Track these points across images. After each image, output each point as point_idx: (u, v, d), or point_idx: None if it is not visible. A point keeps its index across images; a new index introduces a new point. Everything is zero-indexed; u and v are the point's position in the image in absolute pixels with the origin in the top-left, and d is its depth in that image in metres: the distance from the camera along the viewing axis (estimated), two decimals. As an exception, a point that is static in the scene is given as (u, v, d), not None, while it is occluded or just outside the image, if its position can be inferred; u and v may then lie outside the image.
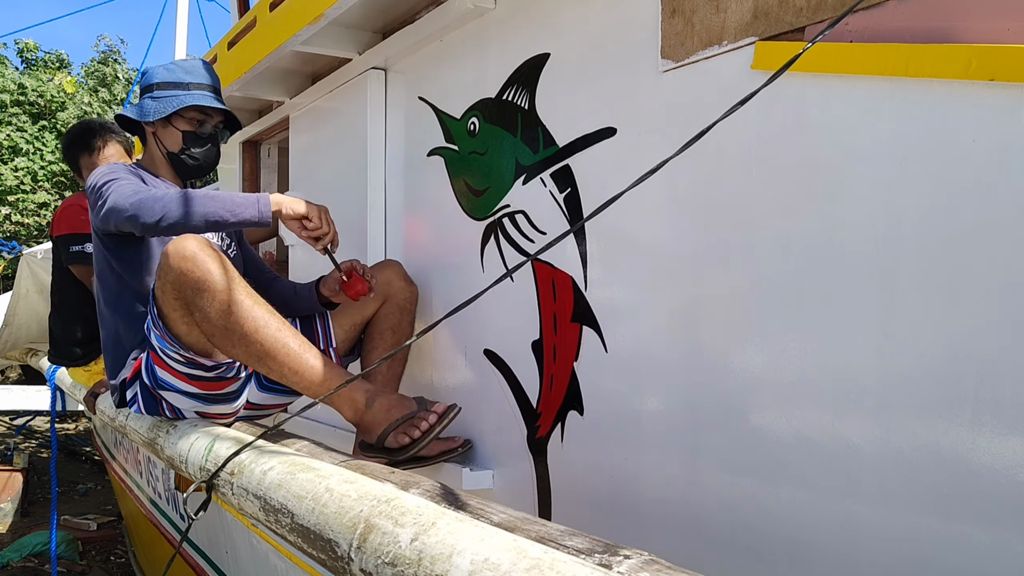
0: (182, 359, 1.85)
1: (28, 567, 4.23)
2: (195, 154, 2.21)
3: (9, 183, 11.05)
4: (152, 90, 2.18)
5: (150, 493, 3.04)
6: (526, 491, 2.01)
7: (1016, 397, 1.08)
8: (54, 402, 4.16)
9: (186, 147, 2.20)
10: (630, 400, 1.70)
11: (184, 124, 2.19)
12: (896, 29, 1.24)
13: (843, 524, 1.29)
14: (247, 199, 1.92)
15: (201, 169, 2.25)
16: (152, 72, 2.19)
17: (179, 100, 2.14)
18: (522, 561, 0.78)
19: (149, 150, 2.25)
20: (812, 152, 1.34)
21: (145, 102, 2.18)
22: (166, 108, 2.14)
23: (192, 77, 2.19)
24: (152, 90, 2.18)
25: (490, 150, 2.15)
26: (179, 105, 2.14)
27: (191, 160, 2.22)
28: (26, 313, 5.37)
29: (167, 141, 2.20)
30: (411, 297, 2.32)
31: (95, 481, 6.12)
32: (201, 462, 1.62)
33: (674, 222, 1.60)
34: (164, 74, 2.18)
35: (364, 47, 2.65)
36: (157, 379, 1.90)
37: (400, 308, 2.29)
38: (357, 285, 2.12)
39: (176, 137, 2.19)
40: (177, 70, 2.19)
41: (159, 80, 2.17)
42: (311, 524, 1.12)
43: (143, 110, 2.17)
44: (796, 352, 1.36)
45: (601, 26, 1.78)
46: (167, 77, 2.17)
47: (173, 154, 2.21)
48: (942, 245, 1.17)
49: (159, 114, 2.14)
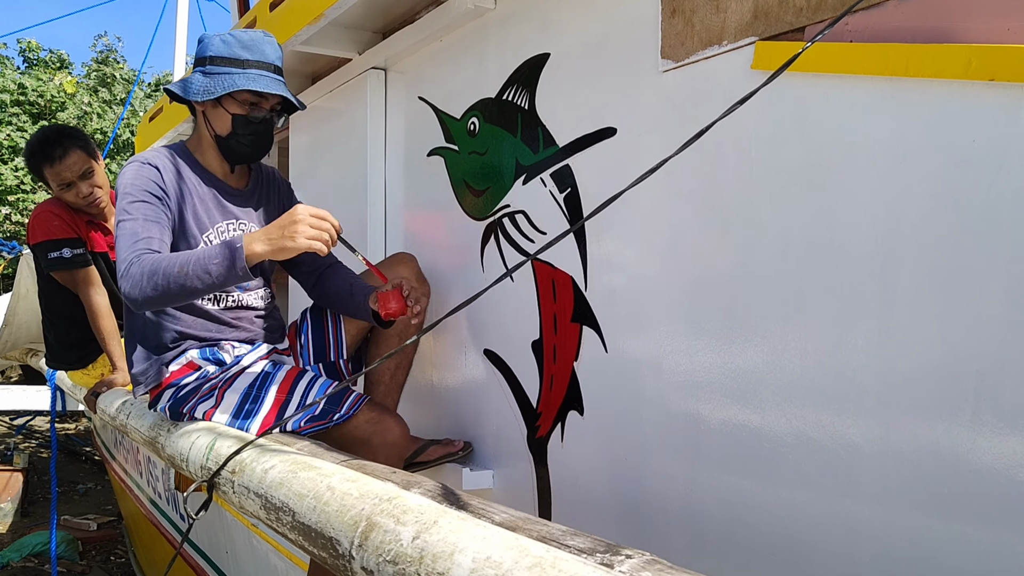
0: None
1: (28, 567, 4.23)
2: (245, 140, 1.99)
3: (9, 183, 11.06)
4: (205, 63, 1.94)
5: (150, 493, 3.04)
6: (526, 491, 2.01)
7: (1016, 397, 1.09)
8: (54, 402, 4.16)
9: (235, 132, 1.96)
10: (630, 400, 1.70)
11: (235, 107, 1.94)
12: (896, 29, 1.24)
13: (843, 524, 1.30)
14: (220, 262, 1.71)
15: (251, 156, 2.04)
16: (208, 42, 1.94)
17: (231, 80, 1.90)
18: (524, 559, 0.78)
19: (198, 128, 2.04)
20: (812, 152, 1.34)
21: (195, 77, 1.94)
22: (215, 88, 1.90)
23: (250, 53, 1.92)
24: (205, 63, 1.94)
25: (490, 150, 2.15)
26: (230, 87, 1.89)
27: (240, 146, 2.00)
28: (26, 313, 5.37)
29: (216, 123, 1.97)
30: (424, 298, 2.14)
31: (95, 481, 6.12)
32: (202, 461, 1.63)
33: (674, 222, 1.60)
34: (220, 46, 1.93)
35: (364, 47, 2.65)
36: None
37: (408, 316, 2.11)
38: (392, 304, 1.93)
39: (226, 120, 1.95)
40: (235, 44, 1.92)
41: (213, 53, 1.93)
42: (312, 522, 1.12)
43: (190, 86, 1.93)
44: (796, 352, 1.36)
45: (601, 26, 1.78)
46: (223, 51, 1.92)
47: (221, 138, 1.98)
48: (942, 245, 1.17)
49: (208, 94, 1.90)
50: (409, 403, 2.51)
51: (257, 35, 1.95)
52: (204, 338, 1.99)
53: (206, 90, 1.90)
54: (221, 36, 1.94)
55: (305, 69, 3.08)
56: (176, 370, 1.98)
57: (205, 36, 1.96)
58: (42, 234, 2.74)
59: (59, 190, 2.76)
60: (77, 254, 2.73)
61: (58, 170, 2.73)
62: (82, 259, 2.74)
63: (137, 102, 12.86)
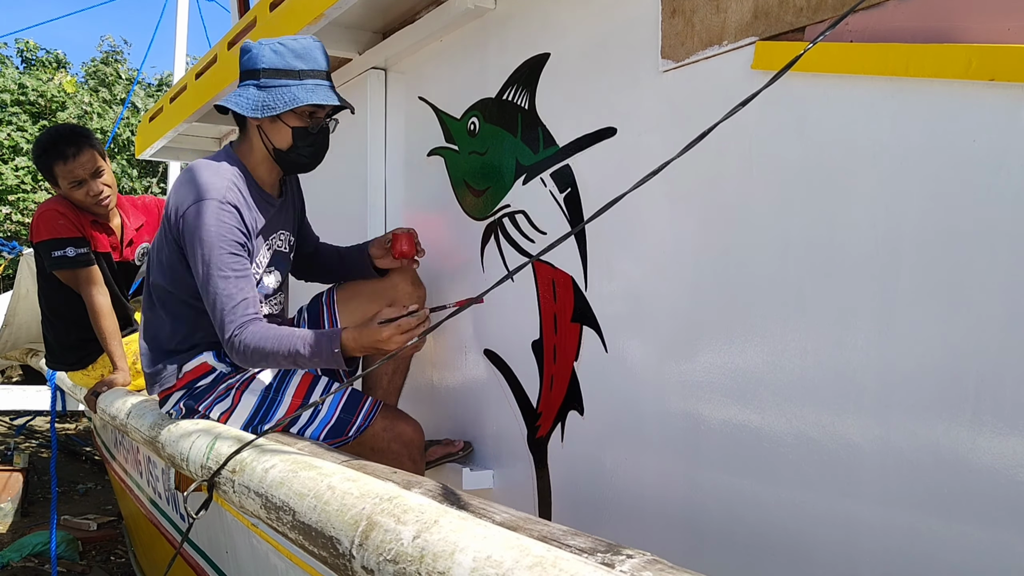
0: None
1: (28, 567, 4.23)
2: (305, 152, 1.95)
3: (10, 182, 11.06)
4: (258, 76, 1.87)
5: (150, 493, 3.04)
6: (526, 491, 2.01)
7: (1016, 397, 1.09)
8: (54, 402, 4.16)
9: (296, 144, 1.93)
10: (630, 400, 1.70)
11: (295, 120, 1.90)
12: (896, 29, 1.24)
13: (843, 524, 1.30)
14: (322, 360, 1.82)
15: (310, 166, 2.02)
16: (258, 54, 1.87)
17: (291, 95, 1.85)
18: (524, 559, 0.78)
19: (250, 142, 1.96)
20: (812, 152, 1.34)
21: (249, 91, 1.88)
22: (275, 103, 1.85)
23: (304, 63, 1.87)
24: (258, 76, 1.87)
25: (490, 150, 2.15)
26: (292, 102, 1.85)
27: (300, 158, 1.96)
28: (26, 313, 5.37)
29: (275, 137, 1.92)
30: (418, 302, 2.19)
31: (95, 481, 6.11)
32: (202, 460, 1.63)
33: (675, 222, 1.60)
34: (272, 58, 1.86)
35: (364, 47, 2.65)
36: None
37: None
38: (404, 245, 2.09)
39: (285, 134, 1.91)
40: (288, 54, 1.86)
41: (266, 65, 1.86)
42: (312, 522, 1.12)
43: (246, 101, 1.87)
44: (796, 352, 1.36)
45: (601, 26, 1.78)
46: (276, 62, 1.86)
47: (281, 151, 1.94)
48: (942, 245, 1.17)
49: (269, 111, 1.86)
50: (409, 403, 2.51)
51: (307, 42, 1.91)
52: (216, 341, 1.99)
53: (266, 106, 1.86)
54: (271, 46, 1.88)
55: (305, 69, 3.08)
56: (190, 371, 1.99)
57: (251, 46, 1.90)
58: (46, 232, 2.75)
59: (69, 188, 2.76)
60: (81, 253, 2.73)
61: (71, 167, 2.73)
62: (85, 258, 2.74)
63: (138, 101, 12.86)
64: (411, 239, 2.12)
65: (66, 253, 2.72)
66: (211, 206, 1.83)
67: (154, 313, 2.03)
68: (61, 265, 2.74)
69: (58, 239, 2.72)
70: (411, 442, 2.03)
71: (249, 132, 1.97)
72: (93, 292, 2.74)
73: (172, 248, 1.93)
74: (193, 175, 1.90)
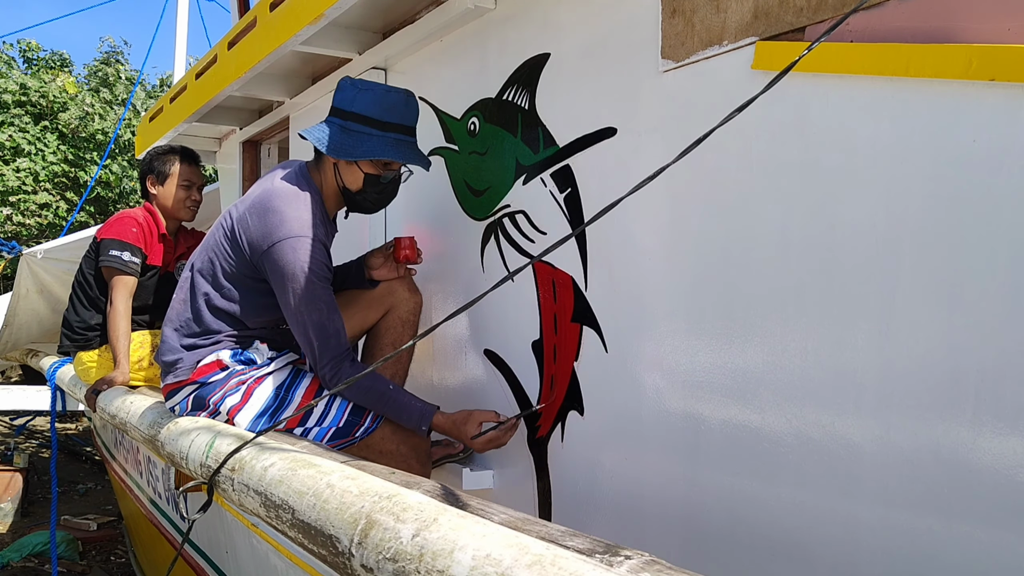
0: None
1: (28, 567, 4.23)
2: (372, 198, 2.05)
3: (11, 184, 11.05)
4: (347, 118, 1.96)
5: (150, 493, 3.04)
6: (526, 491, 2.01)
7: (1016, 397, 1.09)
8: (54, 402, 4.16)
9: (365, 190, 2.02)
10: (630, 400, 1.70)
11: (370, 167, 1.99)
12: (896, 29, 1.24)
13: (843, 523, 1.29)
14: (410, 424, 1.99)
15: (374, 211, 2.13)
16: (353, 97, 1.96)
17: (371, 147, 1.94)
18: (524, 557, 0.78)
19: (324, 174, 2.04)
20: (813, 152, 1.34)
21: (334, 131, 1.97)
22: (355, 151, 1.94)
23: (392, 116, 1.95)
24: (347, 118, 1.96)
25: (490, 150, 2.15)
26: (368, 155, 1.94)
27: (366, 203, 2.07)
28: (26, 313, 5.37)
29: (347, 178, 2.01)
30: (415, 308, 2.24)
31: (95, 481, 6.11)
32: (202, 459, 1.63)
33: (675, 222, 1.60)
34: (364, 105, 1.95)
35: (364, 47, 2.65)
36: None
37: (403, 321, 2.23)
38: (404, 250, 2.18)
39: (358, 177, 2.00)
40: (378, 106, 1.95)
41: (357, 111, 1.95)
42: (312, 520, 1.12)
43: (329, 141, 1.96)
44: (796, 352, 1.36)
45: (601, 26, 1.78)
46: (366, 110, 1.94)
47: (349, 192, 2.03)
48: (942, 245, 1.17)
49: (347, 155, 1.95)
50: (409, 403, 2.51)
51: (401, 98, 1.98)
52: (238, 338, 2.05)
53: (345, 150, 1.96)
54: (365, 93, 1.96)
55: (305, 69, 3.08)
56: (204, 366, 2.01)
57: (347, 86, 1.98)
58: (116, 232, 3.02)
59: (179, 185, 3.10)
60: (133, 262, 2.99)
61: (195, 170, 3.16)
62: (133, 268, 2.98)
63: (139, 102, 12.85)
64: (413, 244, 2.18)
65: (121, 256, 2.98)
66: (304, 244, 1.91)
67: (185, 306, 2.06)
68: (111, 263, 2.98)
69: (122, 242, 2.99)
70: (418, 445, 2.06)
71: (324, 164, 2.04)
72: (123, 295, 2.96)
73: (241, 263, 1.99)
74: (282, 205, 1.94)
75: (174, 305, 2.10)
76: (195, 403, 2.02)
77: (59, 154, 11.62)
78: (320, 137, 1.97)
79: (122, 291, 2.95)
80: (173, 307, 2.11)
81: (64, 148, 11.72)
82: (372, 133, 1.95)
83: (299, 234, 1.91)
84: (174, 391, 2.07)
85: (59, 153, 11.63)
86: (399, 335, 2.22)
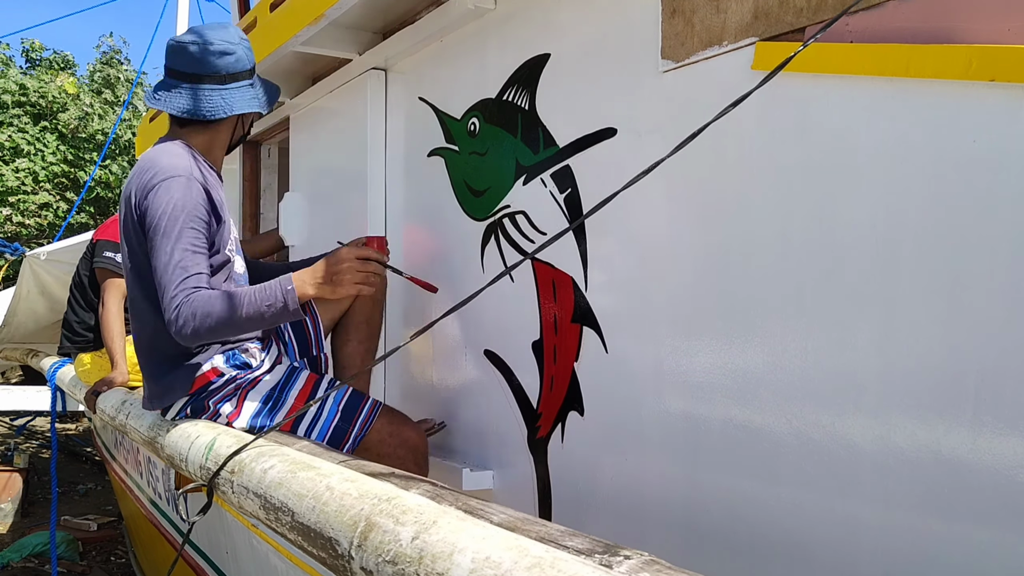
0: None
1: (28, 567, 4.23)
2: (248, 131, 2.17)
3: (10, 184, 11.06)
4: (253, 75, 2.02)
5: (150, 494, 3.04)
6: (526, 491, 2.01)
7: (1016, 397, 1.09)
8: (54, 402, 4.17)
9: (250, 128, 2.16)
10: (630, 400, 1.70)
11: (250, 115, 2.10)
12: (896, 29, 1.24)
13: (843, 524, 1.29)
14: (273, 305, 1.77)
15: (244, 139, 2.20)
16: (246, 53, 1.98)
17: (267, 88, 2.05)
18: (523, 560, 0.78)
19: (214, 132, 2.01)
20: (812, 152, 1.34)
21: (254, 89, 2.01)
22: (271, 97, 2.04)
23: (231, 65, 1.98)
24: (253, 75, 2.02)
25: (490, 150, 2.15)
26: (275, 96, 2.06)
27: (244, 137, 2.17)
28: (26, 314, 5.38)
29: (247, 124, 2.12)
30: (382, 287, 2.24)
31: (95, 481, 6.12)
32: (201, 460, 1.62)
33: (675, 222, 1.60)
34: (251, 56, 2.00)
35: (364, 47, 2.65)
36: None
37: (373, 300, 2.22)
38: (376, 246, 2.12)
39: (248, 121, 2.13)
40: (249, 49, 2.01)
41: (253, 65, 2.01)
42: (311, 522, 1.12)
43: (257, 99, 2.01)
44: (796, 352, 1.36)
45: (601, 26, 1.78)
46: (253, 60, 2.00)
47: (245, 136, 2.13)
48: (942, 245, 1.17)
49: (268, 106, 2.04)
50: (410, 403, 2.51)
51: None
52: (229, 342, 1.97)
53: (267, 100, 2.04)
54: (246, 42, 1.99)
55: (305, 69, 3.08)
56: (200, 376, 1.94)
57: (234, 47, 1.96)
58: (110, 234, 3.04)
59: None
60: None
61: None
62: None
63: (138, 102, 12.85)
64: (384, 244, 2.10)
65: (115, 257, 2.97)
66: (178, 182, 1.81)
67: (144, 324, 1.96)
68: (104, 264, 3.00)
69: (116, 243, 2.98)
70: (416, 447, 2.06)
71: (220, 124, 2.01)
72: (115, 297, 2.97)
73: (141, 244, 1.87)
74: (152, 160, 1.88)
75: (135, 331, 2.01)
76: (192, 412, 1.96)
77: (59, 154, 11.63)
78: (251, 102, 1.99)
79: (114, 293, 2.95)
80: (135, 333, 2.02)
81: (64, 148, 11.72)
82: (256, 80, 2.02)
83: (172, 175, 1.81)
84: (169, 407, 2.00)
85: (59, 153, 11.64)
86: (371, 311, 2.23)
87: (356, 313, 2.22)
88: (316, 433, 1.97)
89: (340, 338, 2.24)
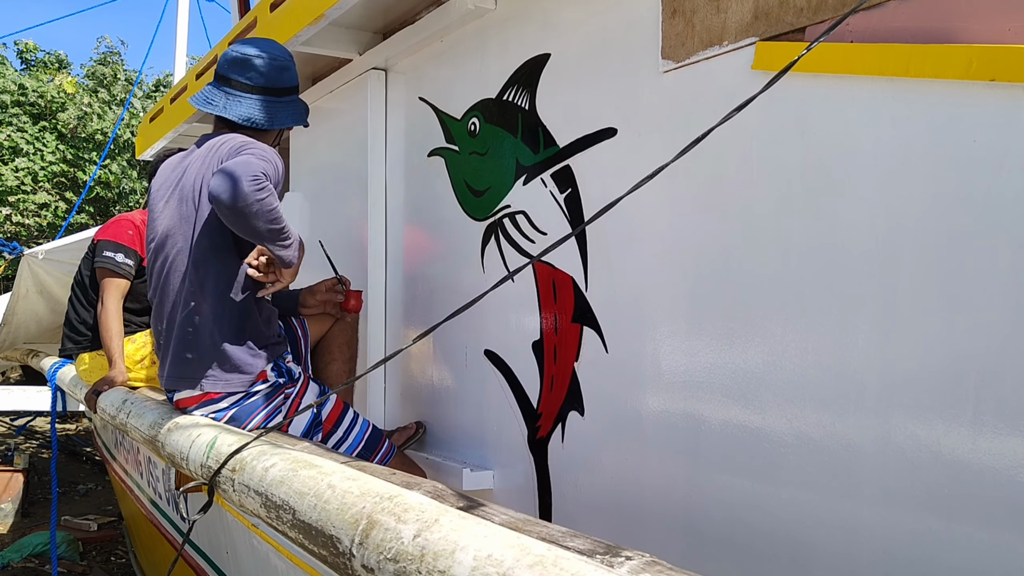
0: None
1: (29, 567, 4.23)
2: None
3: (9, 183, 11.05)
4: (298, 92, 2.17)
5: (151, 494, 3.04)
6: (526, 491, 2.01)
7: (1016, 397, 1.09)
8: (55, 402, 4.16)
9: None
10: (631, 400, 1.70)
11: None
12: (896, 29, 1.25)
13: (844, 524, 1.30)
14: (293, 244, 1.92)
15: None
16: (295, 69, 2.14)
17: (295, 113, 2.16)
18: (525, 558, 0.78)
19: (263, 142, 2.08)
20: (813, 152, 1.34)
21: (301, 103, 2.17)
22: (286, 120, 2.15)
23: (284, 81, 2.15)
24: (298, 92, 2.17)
25: (490, 150, 2.15)
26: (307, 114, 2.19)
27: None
28: (25, 313, 5.37)
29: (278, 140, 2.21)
30: (358, 315, 2.43)
31: (95, 481, 6.11)
32: (202, 459, 1.62)
33: (675, 223, 1.60)
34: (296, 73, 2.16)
35: (364, 47, 2.65)
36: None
37: (351, 326, 2.43)
38: (352, 301, 2.35)
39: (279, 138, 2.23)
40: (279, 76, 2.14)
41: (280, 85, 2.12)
42: (313, 520, 1.12)
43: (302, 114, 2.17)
44: (796, 352, 1.36)
45: (601, 26, 1.78)
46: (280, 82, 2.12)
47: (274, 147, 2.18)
48: (942, 245, 1.17)
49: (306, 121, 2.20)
50: (410, 403, 2.52)
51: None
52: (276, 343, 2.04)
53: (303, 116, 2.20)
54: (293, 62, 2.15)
55: (305, 69, 3.08)
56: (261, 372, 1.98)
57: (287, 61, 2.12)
58: (111, 235, 3.04)
59: None
60: (126, 264, 2.99)
61: None
62: (126, 270, 2.99)
63: (138, 102, 12.84)
64: (360, 297, 2.37)
65: (115, 257, 2.99)
66: (271, 152, 1.94)
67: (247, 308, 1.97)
68: (104, 264, 2.99)
69: (116, 243, 3.01)
70: (411, 468, 2.16)
71: (268, 132, 2.13)
72: (114, 297, 2.97)
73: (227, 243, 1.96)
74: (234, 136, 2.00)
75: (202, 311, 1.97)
76: (235, 417, 1.94)
77: (58, 154, 11.62)
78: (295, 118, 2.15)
79: (113, 292, 2.96)
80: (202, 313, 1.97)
81: (63, 148, 11.71)
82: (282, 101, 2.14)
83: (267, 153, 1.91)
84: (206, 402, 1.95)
85: (58, 153, 11.63)
86: (350, 336, 2.43)
87: (338, 335, 2.40)
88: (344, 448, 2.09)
89: (324, 358, 2.40)
